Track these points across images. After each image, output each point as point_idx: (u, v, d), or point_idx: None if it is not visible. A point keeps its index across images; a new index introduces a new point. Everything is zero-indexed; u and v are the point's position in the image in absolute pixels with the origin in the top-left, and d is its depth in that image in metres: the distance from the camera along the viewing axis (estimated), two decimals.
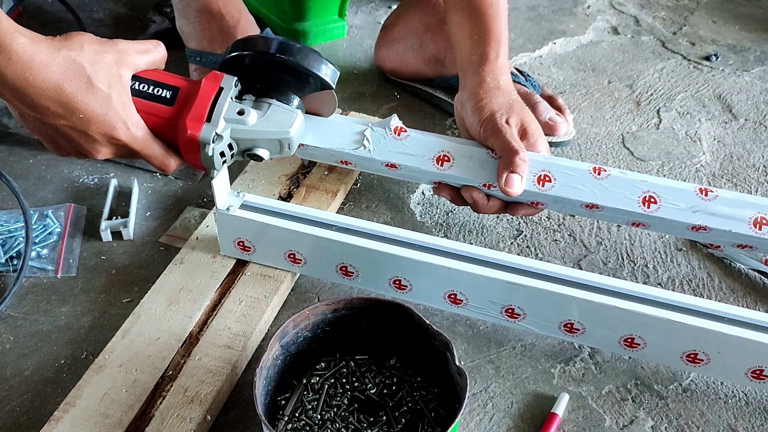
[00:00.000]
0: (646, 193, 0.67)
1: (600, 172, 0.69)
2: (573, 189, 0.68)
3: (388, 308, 0.60)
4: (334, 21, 1.18)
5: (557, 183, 0.68)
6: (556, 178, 0.68)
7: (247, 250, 0.73)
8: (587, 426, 0.63)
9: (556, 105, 0.95)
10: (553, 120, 0.91)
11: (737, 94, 1.07)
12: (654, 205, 0.67)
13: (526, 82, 0.95)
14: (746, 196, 0.67)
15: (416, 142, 0.73)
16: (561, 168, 0.69)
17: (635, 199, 0.67)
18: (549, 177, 0.68)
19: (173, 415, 0.59)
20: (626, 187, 0.68)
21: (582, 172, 0.69)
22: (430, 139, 0.73)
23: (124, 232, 0.79)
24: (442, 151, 0.71)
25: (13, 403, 0.64)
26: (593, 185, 0.68)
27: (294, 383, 0.62)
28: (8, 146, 0.93)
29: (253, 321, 0.68)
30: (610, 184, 0.68)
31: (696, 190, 0.67)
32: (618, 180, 0.68)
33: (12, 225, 0.78)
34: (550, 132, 0.91)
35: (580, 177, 0.68)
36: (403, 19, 1.02)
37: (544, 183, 0.68)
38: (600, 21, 1.26)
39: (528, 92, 0.93)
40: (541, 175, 0.68)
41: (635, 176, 0.68)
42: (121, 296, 0.74)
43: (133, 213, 0.82)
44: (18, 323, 0.71)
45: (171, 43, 1.15)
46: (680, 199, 0.67)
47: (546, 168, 0.69)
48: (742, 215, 0.65)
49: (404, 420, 0.59)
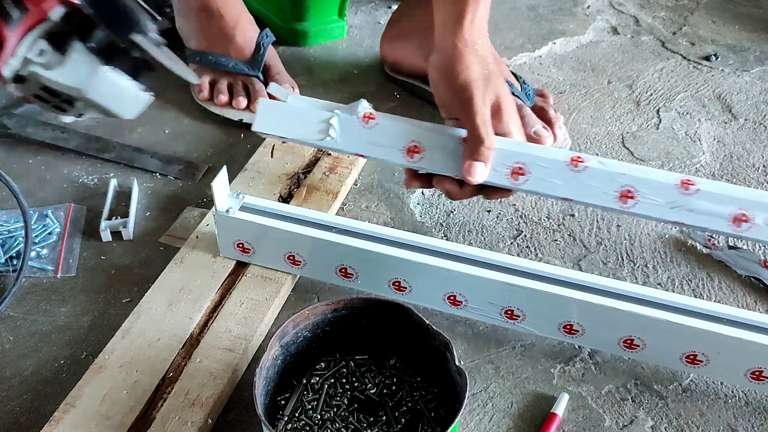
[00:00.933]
0: (624, 187, 0.64)
1: (578, 163, 0.65)
2: (548, 183, 0.66)
3: (387, 308, 0.60)
4: (334, 21, 1.18)
5: (531, 177, 0.66)
6: (531, 171, 0.66)
7: (247, 252, 0.73)
8: (587, 426, 0.63)
9: (546, 117, 0.93)
10: (537, 134, 0.89)
11: (737, 94, 1.07)
12: (631, 201, 0.64)
13: (520, 92, 0.94)
14: (730, 187, 0.64)
15: (386, 131, 0.69)
16: (536, 159, 0.66)
17: (612, 194, 0.65)
18: (523, 170, 0.66)
19: (174, 418, 0.59)
20: (604, 181, 0.65)
21: (558, 164, 0.66)
22: (401, 126, 0.69)
23: (123, 232, 0.79)
24: (413, 142, 0.68)
25: (13, 403, 0.64)
26: (569, 179, 0.65)
27: (294, 383, 0.62)
28: (8, 146, 0.93)
29: (254, 324, 0.68)
30: (587, 177, 0.65)
31: (677, 183, 0.64)
32: (596, 173, 0.65)
33: (12, 225, 0.78)
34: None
35: (556, 170, 0.65)
36: (409, 16, 1.02)
37: (517, 177, 0.66)
38: (600, 21, 1.26)
39: (518, 104, 0.92)
40: (515, 167, 0.66)
41: (615, 167, 0.65)
42: (121, 296, 0.74)
43: (132, 213, 0.82)
44: (18, 323, 0.71)
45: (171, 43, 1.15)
46: (659, 194, 0.64)
47: (520, 159, 0.66)
48: (722, 211, 0.63)
49: (404, 420, 0.59)
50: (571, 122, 1.00)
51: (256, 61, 0.99)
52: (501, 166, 0.66)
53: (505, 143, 0.67)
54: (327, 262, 0.70)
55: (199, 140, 0.96)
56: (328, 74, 1.10)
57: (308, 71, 1.10)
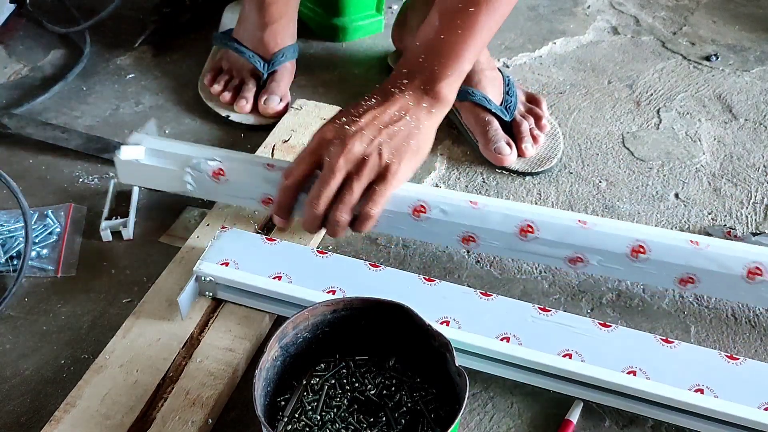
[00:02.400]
0: (466, 233, 0.69)
1: (420, 214, 0.69)
2: (396, 229, 0.72)
3: (387, 309, 0.60)
4: (372, 16, 1.18)
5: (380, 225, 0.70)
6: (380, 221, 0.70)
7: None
8: (587, 426, 0.63)
9: (538, 124, 0.93)
10: (498, 150, 0.89)
11: (737, 94, 1.07)
12: (473, 243, 0.70)
13: (498, 107, 0.92)
14: (568, 235, 0.68)
15: (238, 186, 0.74)
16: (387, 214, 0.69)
17: (455, 238, 0.70)
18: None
19: (175, 418, 0.59)
20: (445, 228, 0.70)
21: (403, 215, 0.70)
22: (251, 181, 0.73)
23: (123, 232, 0.79)
24: (266, 194, 0.73)
25: (13, 403, 0.64)
26: (413, 226, 0.70)
27: (293, 384, 0.62)
28: (8, 146, 0.93)
29: (254, 323, 0.68)
30: (430, 226, 0.70)
31: (516, 231, 0.68)
32: (436, 223, 0.70)
33: (12, 225, 0.78)
34: (497, 162, 0.90)
35: (401, 219, 0.70)
36: (417, 9, 1.01)
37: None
38: (600, 21, 1.26)
39: (486, 119, 0.91)
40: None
41: (455, 216, 0.69)
42: (121, 296, 0.74)
43: (132, 213, 0.82)
44: (18, 323, 0.71)
45: (169, 45, 1.15)
46: (498, 239, 0.69)
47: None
48: (558, 254, 0.68)
49: (404, 420, 0.59)
50: (571, 122, 1.00)
51: (269, 62, 0.99)
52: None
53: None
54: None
55: (199, 140, 0.95)
56: (328, 74, 1.10)
57: (309, 71, 1.10)
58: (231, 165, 0.74)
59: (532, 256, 0.70)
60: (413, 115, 0.71)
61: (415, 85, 0.72)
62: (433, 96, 0.72)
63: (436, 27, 0.72)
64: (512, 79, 0.97)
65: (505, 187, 0.89)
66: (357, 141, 0.67)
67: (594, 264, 0.68)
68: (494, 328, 0.63)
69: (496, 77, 0.95)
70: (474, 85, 0.93)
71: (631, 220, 0.84)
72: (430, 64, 0.71)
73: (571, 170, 0.92)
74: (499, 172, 0.91)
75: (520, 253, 0.70)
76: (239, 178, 0.74)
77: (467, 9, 0.70)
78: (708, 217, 0.85)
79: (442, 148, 0.95)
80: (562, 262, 0.69)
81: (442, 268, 0.77)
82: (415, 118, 0.70)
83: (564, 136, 0.97)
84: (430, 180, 0.89)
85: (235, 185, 0.74)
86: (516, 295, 0.74)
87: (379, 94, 0.72)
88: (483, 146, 0.91)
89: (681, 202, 0.87)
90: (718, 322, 0.72)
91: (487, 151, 0.90)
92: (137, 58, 1.12)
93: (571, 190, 0.89)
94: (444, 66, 0.71)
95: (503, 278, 0.76)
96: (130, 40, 1.12)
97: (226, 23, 1.13)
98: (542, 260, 0.70)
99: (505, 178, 0.90)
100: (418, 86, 0.72)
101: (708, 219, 0.85)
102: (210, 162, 0.74)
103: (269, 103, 0.96)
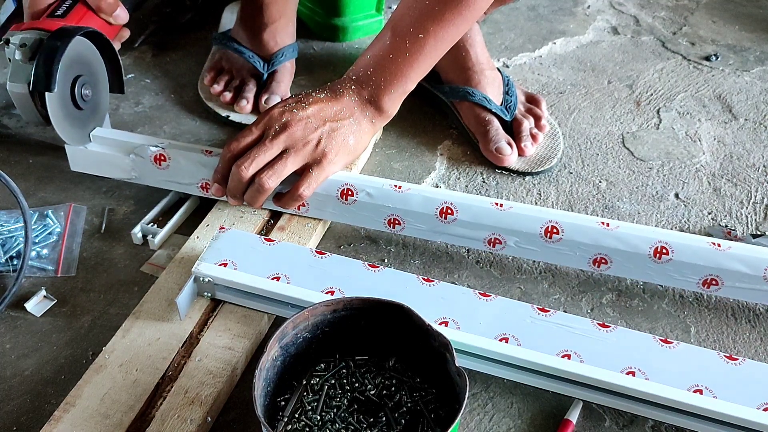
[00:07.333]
0: (391, 215, 0.74)
1: (347, 197, 0.74)
2: (324, 213, 0.77)
3: (387, 309, 0.60)
4: (372, 16, 1.18)
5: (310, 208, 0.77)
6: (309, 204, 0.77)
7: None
8: (587, 426, 0.63)
9: (537, 124, 0.93)
10: (499, 150, 0.90)
11: (737, 94, 1.07)
12: (399, 226, 0.75)
13: (498, 107, 0.92)
14: (485, 216, 0.72)
15: (179, 171, 0.79)
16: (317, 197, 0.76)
17: (382, 221, 0.75)
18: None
19: (174, 416, 0.59)
20: (372, 211, 0.75)
21: (331, 198, 0.75)
22: (191, 167, 0.78)
23: (150, 242, 0.78)
24: (203, 179, 0.78)
25: (13, 403, 0.64)
26: (342, 210, 0.75)
27: (293, 384, 0.62)
28: (8, 146, 0.93)
29: (254, 322, 0.68)
30: (357, 209, 0.75)
31: (436, 213, 0.73)
32: (364, 206, 0.75)
33: (12, 225, 0.78)
34: (497, 162, 0.90)
35: (327, 200, 0.75)
36: None
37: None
38: (600, 21, 1.26)
39: (487, 119, 0.92)
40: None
41: (380, 199, 0.74)
42: (121, 296, 0.74)
43: (168, 226, 0.80)
44: (18, 323, 0.71)
45: (169, 45, 1.15)
46: (422, 221, 0.73)
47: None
48: (478, 236, 0.73)
49: (404, 421, 0.59)
50: (571, 122, 1.00)
51: (269, 62, 0.99)
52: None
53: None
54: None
55: (199, 140, 0.96)
56: (328, 74, 1.10)
57: (308, 70, 1.10)
58: (172, 151, 0.79)
59: (453, 238, 0.74)
60: (356, 118, 0.76)
61: (361, 94, 0.77)
62: (376, 107, 0.78)
63: (386, 45, 0.76)
64: (512, 79, 0.97)
65: (505, 187, 0.89)
66: (302, 124, 0.73)
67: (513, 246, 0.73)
68: (493, 329, 0.63)
69: (495, 77, 0.95)
70: (474, 85, 0.93)
71: (631, 220, 0.84)
72: (377, 78, 0.76)
73: (571, 170, 0.92)
74: (499, 172, 0.91)
75: (443, 235, 0.74)
76: (179, 163, 0.78)
77: (417, 35, 0.74)
78: (708, 217, 0.85)
79: (442, 148, 0.95)
80: (482, 243, 0.73)
81: (441, 268, 0.77)
82: (357, 122, 0.76)
83: (564, 136, 0.97)
84: (430, 180, 0.89)
85: (174, 170, 0.78)
86: (516, 295, 0.74)
87: (329, 90, 0.77)
88: (483, 146, 0.91)
89: (681, 202, 0.87)
90: (718, 322, 0.72)
91: (488, 151, 0.90)
92: (137, 58, 1.12)
93: (571, 190, 0.89)
94: (389, 83, 0.76)
95: (503, 278, 0.76)
96: (130, 39, 1.12)
97: (226, 23, 1.13)
98: (463, 242, 0.74)
99: (505, 178, 0.90)
100: (364, 95, 0.77)
101: (708, 219, 0.85)
102: (152, 147, 0.79)
103: (271, 103, 0.96)
